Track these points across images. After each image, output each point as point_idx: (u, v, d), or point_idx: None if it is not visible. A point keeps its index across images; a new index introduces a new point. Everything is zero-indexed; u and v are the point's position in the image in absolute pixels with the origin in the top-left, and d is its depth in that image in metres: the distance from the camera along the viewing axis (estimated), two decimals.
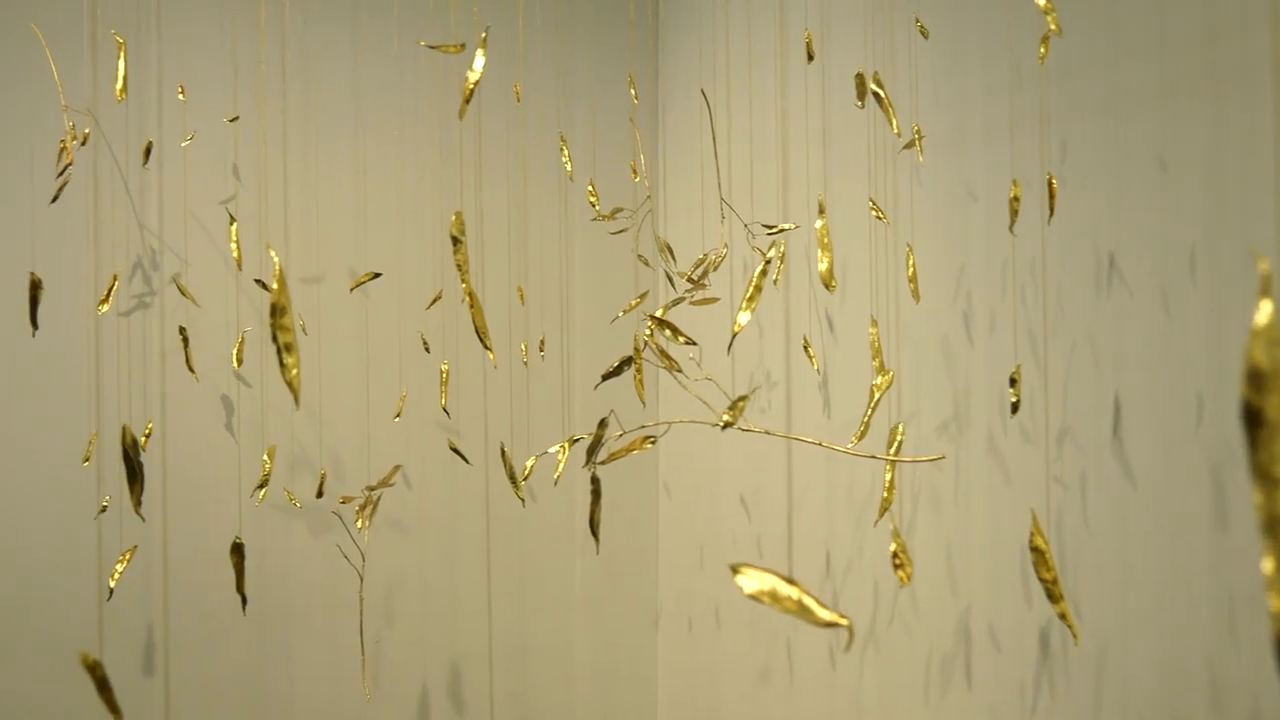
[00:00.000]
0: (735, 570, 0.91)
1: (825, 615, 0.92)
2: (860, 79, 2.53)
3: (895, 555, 1.94)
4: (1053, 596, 1.88)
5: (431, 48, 2.32)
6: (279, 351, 1.19)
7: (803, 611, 0.92)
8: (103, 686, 1.30)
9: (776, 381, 3.44)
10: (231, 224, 3.15)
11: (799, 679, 3.37)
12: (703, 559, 3.85)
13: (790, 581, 0.92)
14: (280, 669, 3.41)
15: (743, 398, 1.63)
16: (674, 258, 3.24)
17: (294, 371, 1.20)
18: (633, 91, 3.24)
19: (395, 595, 3.59)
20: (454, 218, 2.10)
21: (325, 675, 3.47)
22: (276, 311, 1.19)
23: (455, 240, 2.12)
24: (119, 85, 2.74)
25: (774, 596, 0.92)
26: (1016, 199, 2.26)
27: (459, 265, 2.13)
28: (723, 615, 3.73)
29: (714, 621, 3.77)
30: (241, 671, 3.35)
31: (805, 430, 3.28)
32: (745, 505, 3.60)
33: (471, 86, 1.93)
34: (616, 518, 3.95)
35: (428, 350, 3.43)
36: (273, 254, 1.24)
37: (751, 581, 0.92)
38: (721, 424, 1.69)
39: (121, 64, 2.75)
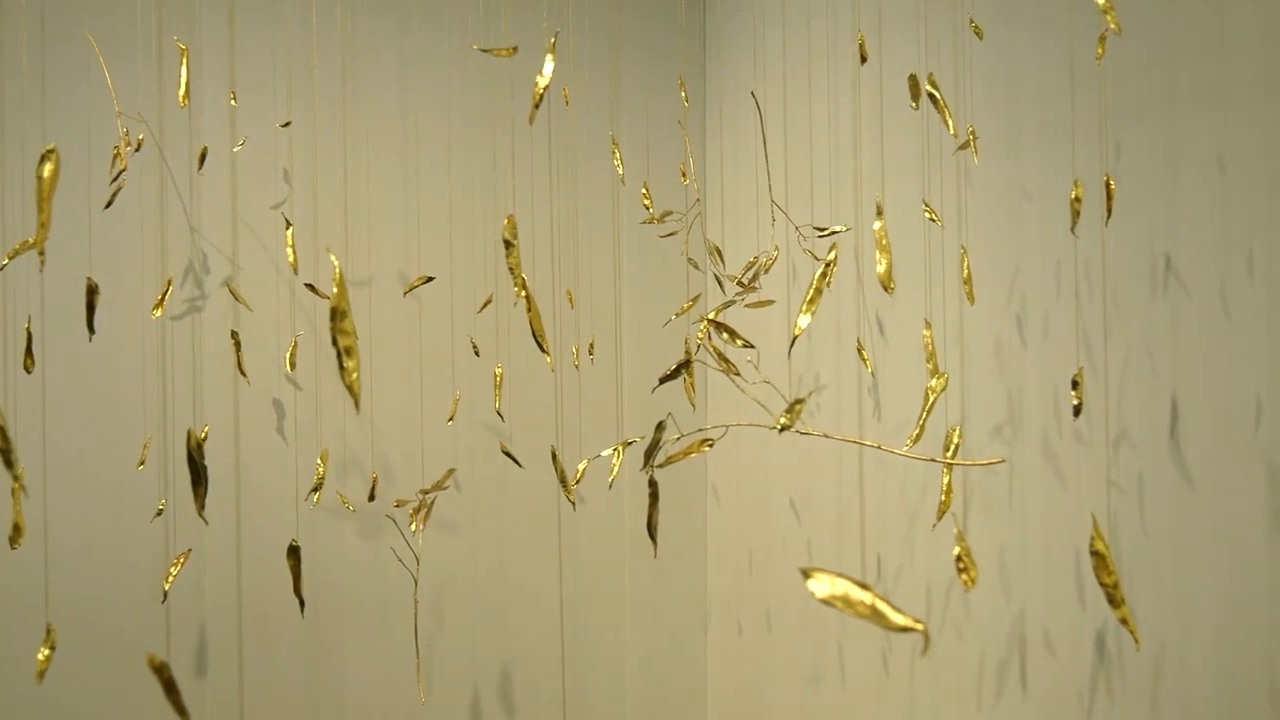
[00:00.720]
0: (806, 575, 0.90)
1: (900, 620, 0.92)
2: (914, 81, 2.51)
3: (959, 559, 1.92)
4: (1114, 601, 1.85)
5: (484, 51, 2.33)
6: (339, 355, 1.19)
7: (876, 616, 0.91)
8: (170, 688, 1.31)
9: (826, 384, 3.42)
10: (288, 228, 3.18)
11: (850, 683, 3.36)
12: (752, 562, 3.84)
13: (863, 586, 0.91)
14: (333, 671, 3.43)
15: (800, 400, 1.62)
16: (723, 261, 3.23)
17: (354, 375, 1.20)
18: (683, 94, 3.23)
19: (446, 598, 3.61)
20: (506, 221, 2.10)
21: (378, 677, 3.49)
22: (336, 315, 1.19)
23: (508, 244, 2.12)
24: (181, 91, 2.77)
25: (847, 601, 0.92)
26: (1078, 200, 2.24)
27: (512, 269, 2.14)
28: (773, 619, 3.72)
29: (764, 625, 3.76)
30: (295, 674, 3.37)
31: (855, 433, 3.27)
32: (795, 508, 3.58)
33: (541, 92, 1.94)
34: (666, 521, 3.94)
35: (477, 354, 3.44)
36: (332, 258, 1.24)
37: (823, 586, 0.91)
38: (779, 427, 1.68)
39: (184, 70, 2.77)
